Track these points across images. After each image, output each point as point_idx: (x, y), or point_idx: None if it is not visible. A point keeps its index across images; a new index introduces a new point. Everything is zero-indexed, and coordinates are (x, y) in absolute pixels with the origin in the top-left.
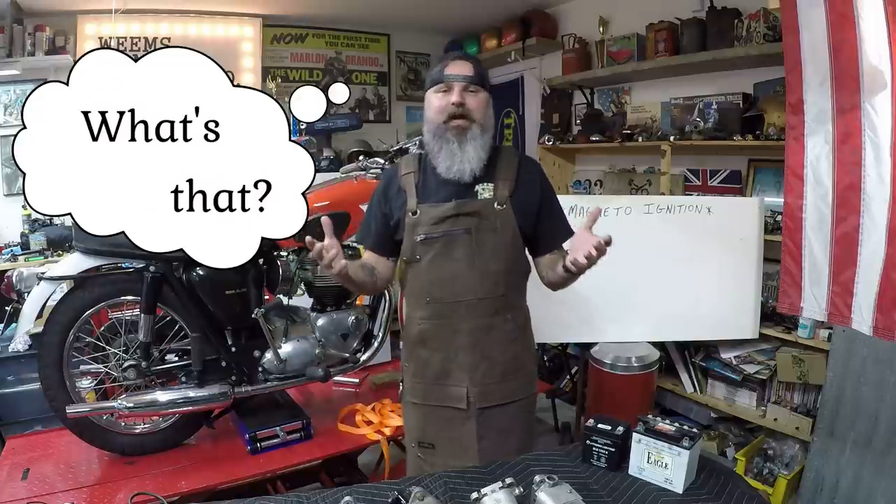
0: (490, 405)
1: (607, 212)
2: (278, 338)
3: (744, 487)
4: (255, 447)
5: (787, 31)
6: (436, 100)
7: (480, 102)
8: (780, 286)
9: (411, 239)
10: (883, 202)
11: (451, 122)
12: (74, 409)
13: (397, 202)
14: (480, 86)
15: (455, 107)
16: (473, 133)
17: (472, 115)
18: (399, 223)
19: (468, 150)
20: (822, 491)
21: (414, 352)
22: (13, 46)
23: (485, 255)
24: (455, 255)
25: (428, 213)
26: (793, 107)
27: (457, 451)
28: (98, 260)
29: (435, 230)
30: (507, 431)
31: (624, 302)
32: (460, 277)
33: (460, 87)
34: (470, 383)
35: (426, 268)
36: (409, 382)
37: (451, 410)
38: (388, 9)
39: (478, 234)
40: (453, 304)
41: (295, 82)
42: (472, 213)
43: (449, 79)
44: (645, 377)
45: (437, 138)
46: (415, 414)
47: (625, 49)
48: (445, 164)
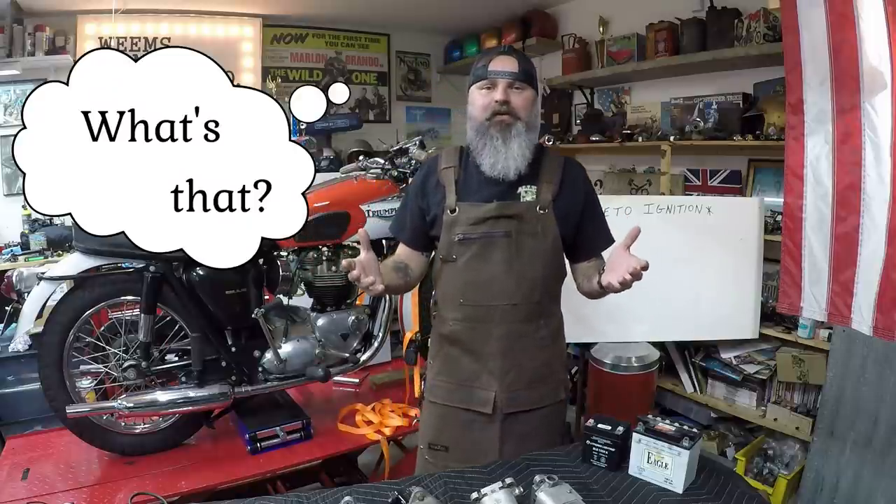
0: (515, 411)
1: (607, 212)
2: (278, 338)
3: (744, 487)
4: (255, 447)
5: (787, 31)
6: (479, 97)
7: (526, 100)
8: (780, 286)
9: (449, 238)
10: (883, 202)
11: (495, 118)
12: (74, 409)
13: (435, 198)
14: (526, 83)
15: (499, 104)
16: (518, 129)
17: (516, 113)
18: (436, 219)
19: (513, 147)
20: (822, 491)
21: (442, 350)
22: (13, 46)
23: (523, 259)
24: (493, 258)
25: (467, 212)
26: (793, 107)
27: (474, 455)
28: (98, 260)
29: (474, 231)
30: (529, 437)
31: (624, 302)
32: (497, 281)
33: (505, 85)
34: (499, 388)
35: (462, 269)
36: (432, 380)
37: (474, 414)
38: (388, 9)
39: (518, 238)
40: (488, 307)
41: (295, 82)
42: (513, 215)
43: (493, 75)
44: (645, 377)
45: (481, 135)
46: (433, 415)
47: (625, 49)
48: (490, 161)
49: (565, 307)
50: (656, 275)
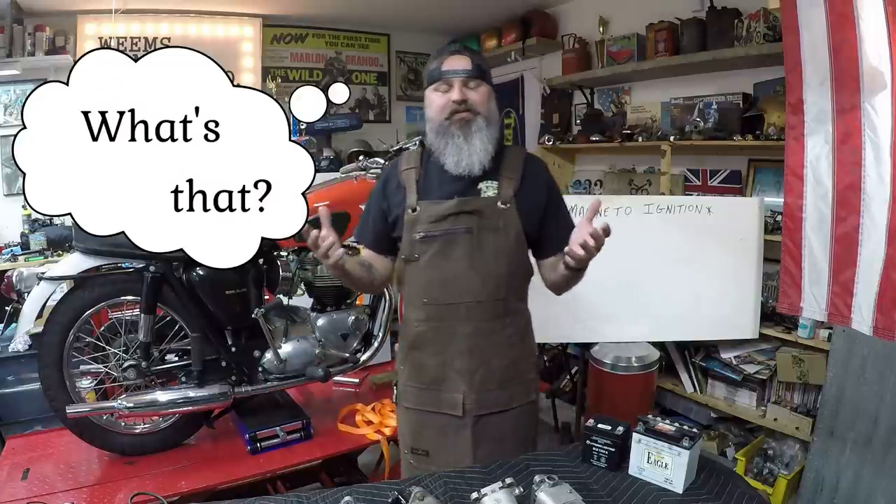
0: (486, 413)
1: (607, 212)
2: (278, 338)
3: (744, 487)
4: (255, 447)
5: (787, 31)
6: (436, 98)
7: (483, 96)
8: (780, 286)
9: (410, 237)
10: (883, 202)
11: (455, 116)
12: (74, 409)
13: (396, 198)
14: (481, 79)
15: (457, 104)
16: (479, 125)
17: (475, 109)
18: (398, 220)
19: (475, 142)
20: (822, 491)
21: (409, 354)
22: (13, 46)
23: (486, 256)
24: (455, 255)
25: (428, 210)
26: (793, 107)
27: (452, 459)
28: (98, 260)
29: (435, 228)
30: (504, 439)
31: (624, 302)
32: (460, 278)
33: (460, 83)
34: (467, 389)
35: (424, 267)
36: (402, 386)
37: (446, 417)
38: (388, 9)
39: (479, 234)
40: (452, 306)
41: (295, 82)
42: (474, 211)
43: (447, 75)
44: (645, 377)
45: (442, 135)
46: (408, 419)
47: (625, 49)
48: (453, 159)
49: (566, 307)
50: (656, 275)
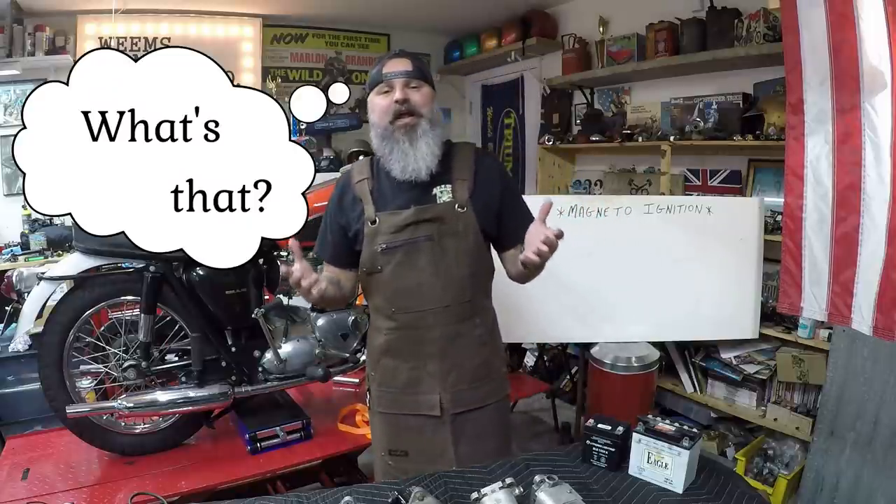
0: (463, 410)
1: (607, 212)
2: (278, 338)
3: (744, 487)
4: (255, 447)
5: (787, 31)
6: (379, 100)
7: (424, 97)
8: (780, 286)
9: (371, 249)
10: (883, 202)
11: (398, 121)
12: (74, 409)
13: (354, 212)
14: (422, 80)
15: (399, 104)
16: (423, 128)
17: (418, 111)
18: (358, 234)
19: (420, 146)
20: (822, 491)
21: (380, 361)
22: (13, 46)
23: (449, 260)
24: (418, 264)
25: (387, 221)
26: (793, 107)
27: (432, 457)
28: (98, 260)
29: (395, 239)
30: (483, 436)
31: (624, 302)
32: (425, 286)
33: (402, 84)
34: (442, 390)
35: (389, 278)
36: (375, 391)
37: (424, 418)
38: (388, 9)
39: (440, 240)
40: (420, 313)
41: (295, 82)
42: (432, 218)
43: (388, 77)
44: (645, 377)
45: (386, 140)
46: (384, 423)
47: (625, 49)
48: (399, 165)
49: (565, 307)
50: (656, 275)
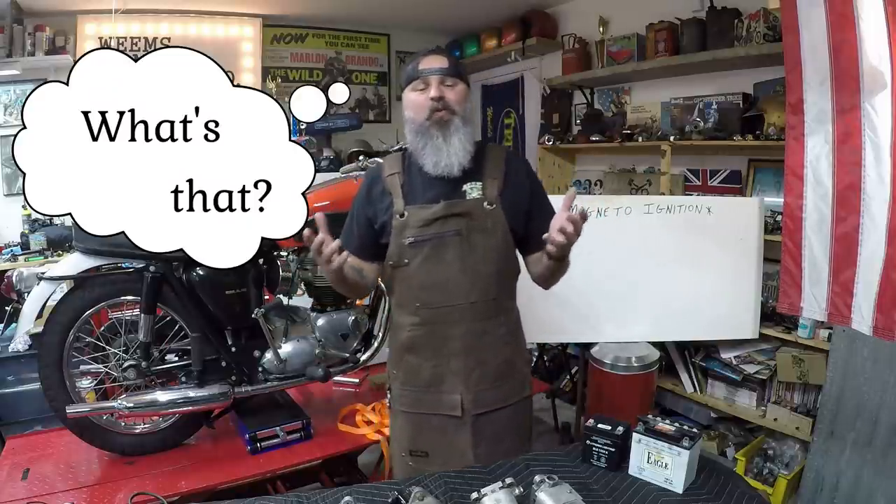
0: (484, 411)
1: (607, 212)
2: (278, 338)
3: (744, 487)
4: (255, 447)
5: (787, 31)
6: (414, 97)
7: (459, 94)
8: (780, 286)
9: (399, 242)
10: (883, 202)
11: (434, 115)
12: (74, 409)
13: (382, 204)
14: (458, 78)
15: (434, 101)
16: (456, 125)
17: (452, 107)
18: (385, 226)
19: (454, 142)
20: (822, 491)
21: (403, 359)
22: (13, 46)
23: (476, 257)
24: (446, 258)
25: (416, 214)
26: (793, 107)
27: (452, 458)
28: (98, 260)
29: (424, 233)
30: (502, 436)
31: (624, 302)
32: (452, 281)
33: (437, 81)
34: (464, 390)
35: (415, 272)
36: (397, 390)
37: (445, 418)
38: (388, 9)
39: (469, 236)
40: (445, 308)
41: (295, 82)
42: (462, 213)
43: (424, 74)
44: (645, 377)
45: (421, 136)
46: (405, 422)
47: (625, 49)
48: (432, 160)
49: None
50: (656, 275)
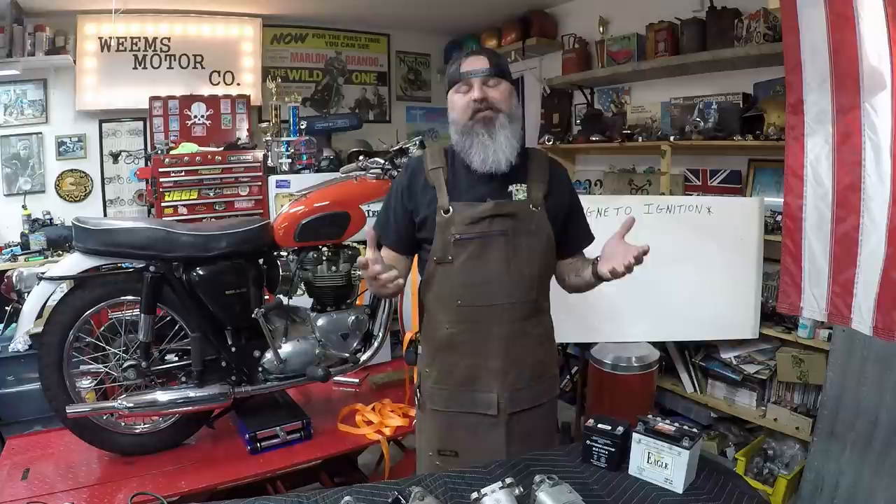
0: (518, 410)
1: (607, 212)
2: (278, 338)
3: (744, 487)
4: (255, 447)
5: (787, 31)
6: (458, 99)
7: (503, 93)
8: (780, 286)
9: (444, 238)
10: (883, 202)
11: (477, 115)
12: (74, 409)
13: (424, 198)
14: (500, 77)
15: (477, 103)
16: (502, 122)
17: (497, 106)
18: (426, 221)
19: (500, 139)
20: (822, 491)
21: (438, 357)
22: (13, 46)
23: (521, 258)
24: (491, 258)
25: (462, 212)
26: (793, 107)
27: (483, 457)
28: (98, 260)
29: (470, 230)
30: (532, 435)
31: (624, 302)
32: (496, 281)
33: (479, 83)
34: (501, 388)
35: (458, 270)
36: (429, 389)
37: (478, 416)
38: (388, 9)
39: (514, 237)
40: (486, 308)
41: (295, 82)
42: (509, 214)
43: (467, 76)
44: (645, 377)
45: (466, 135)
46: (437, 421)
47: (625, 49)
48: (479, 157)
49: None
50: (656, 275)
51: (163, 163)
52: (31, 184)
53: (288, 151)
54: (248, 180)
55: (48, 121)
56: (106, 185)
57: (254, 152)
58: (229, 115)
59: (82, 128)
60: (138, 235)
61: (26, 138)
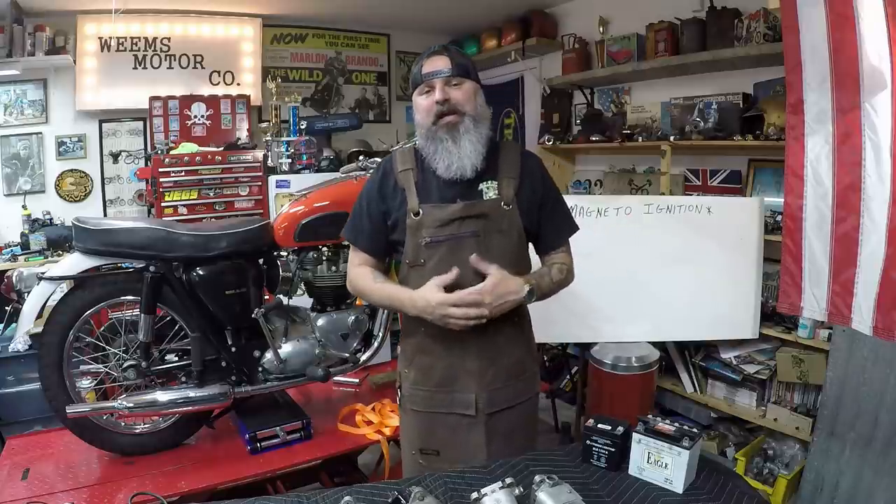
0: (497, 409)
1: (607, 212)
2: (278, 338)
3: (744, 487)
4: (255, 447)
5: (787, 31)
6: (421, 101)
7: (467, 93)
8: (780, 286)
9: (415, 241)
10: (883, 202)
11: (441, 120)
12: (74, 409)
13: (395, 201)
14: (463, 76)
15: (440, 105)
16: (466, 126)
17: (460, 108)
18: (397, 223)
19: (464, 145)
20: (822, 491)
21: (416, 358)
22: (13, 46)
23: (492, 257)
24: (462, 259)
25: (432, 214)
26: (793, 107)
27: (464, 456)
28: (98, 260)
29: (440, 233)
30: (513, 433)
31: (624, 302)
32: (467, 282)
33: (442, 83)
34: (478, 389)
35: (431, 272)
36: (408, 390)
37: (458, 417)
38: (388, 9)
39: (486, 237)
40: None
41: (295, 82)
42: (479, 214)
43: (428, 78)
44: (645, 377)
45: (431, 140)
46: (416, 422)
47: (625, 49)
48: (444, 164)
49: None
50: (656, 275)
51: (163, 163)
52: (31, 184)
53: (288, 151)
54: (248, 180)
55: (48, 121)
56: (106, 185)
57: (254, 152)
58: (229, 115)
59: (82, 128)
60: (138, 235)
61: (26, 138)
